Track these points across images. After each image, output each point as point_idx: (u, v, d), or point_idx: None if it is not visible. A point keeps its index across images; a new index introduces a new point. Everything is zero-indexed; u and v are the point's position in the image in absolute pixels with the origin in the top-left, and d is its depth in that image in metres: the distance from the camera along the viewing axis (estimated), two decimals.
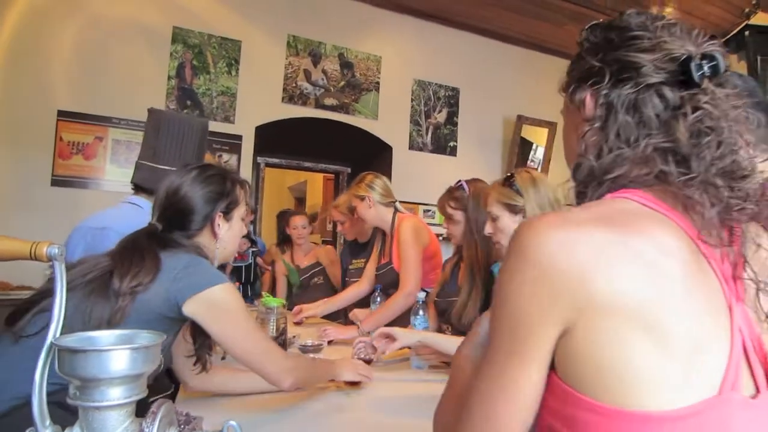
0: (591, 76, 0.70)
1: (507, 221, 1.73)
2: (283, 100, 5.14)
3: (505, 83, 6.22)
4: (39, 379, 0.75)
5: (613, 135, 0.66)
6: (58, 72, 4.30)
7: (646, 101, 0.64)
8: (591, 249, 0.56)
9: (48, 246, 0.75)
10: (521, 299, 0.58)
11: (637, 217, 0.60)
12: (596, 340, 0.55)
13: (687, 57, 0.64)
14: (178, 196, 1.37)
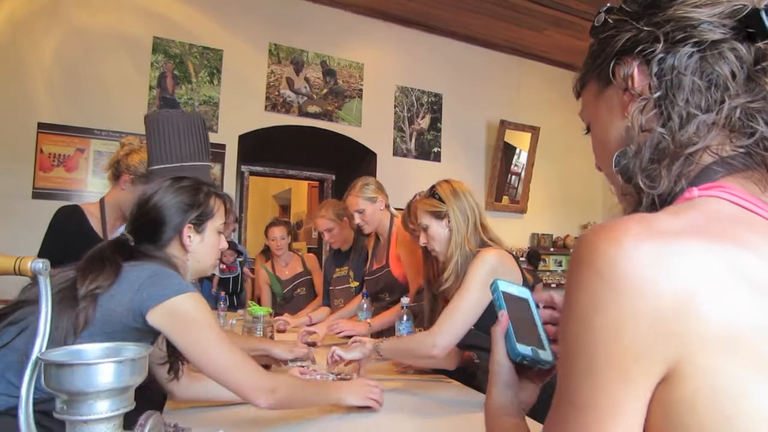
0: (638, 44, 0.59)
1: (435, 227, 1.87)
2: (266, 109, 5.14)
3: (487, 88, 6.28)
4: (25, 393, 0.74)
5: (682, 101, 0.55)
6: (38, 84, 4.26)
7: (717, 59, 0.54)
8: (694, 267, 0.44)
9: (32, 261, 0.75)
10: (616, 338, 0.44)
11: (736, 225, 0.48)
12: (704, 386, 0.43)
13: (754, 9, 0.54)
14: (147, 206, 1.35)
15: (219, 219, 1.43)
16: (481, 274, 1.70)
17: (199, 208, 1.38)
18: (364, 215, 2.69)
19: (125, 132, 4.36)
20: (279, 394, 1.24)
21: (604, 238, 0.46)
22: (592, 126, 0.70)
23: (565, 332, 0.49)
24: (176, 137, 1.78)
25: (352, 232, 3.11)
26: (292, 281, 3.73)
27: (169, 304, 1.18)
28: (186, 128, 1.81)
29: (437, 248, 1.88)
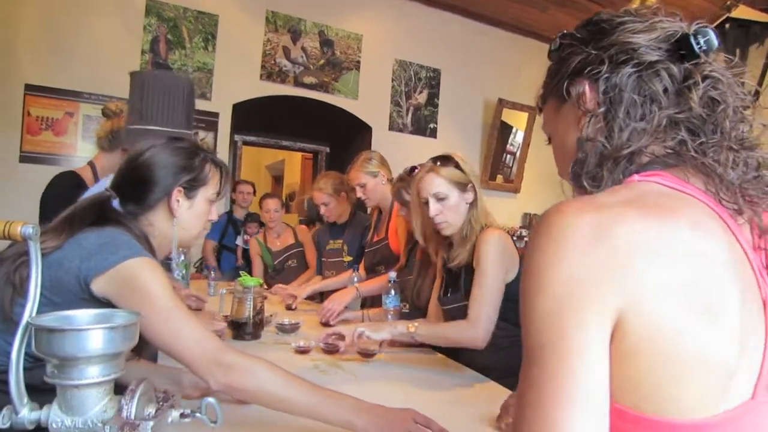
0: (586, 66, 0.68)
1: (457, 199, 1.81)
2: (261, 78, 5.07)
3: (486, 66, 6.22)
4: (15, 358, 0.74)
5: (623, 114, 0.64)
6: (26, 44, 4.16)
7: (652, 77, 0.64)
8: (628, 235, 0.51)
9: (22, 225, 0.74)
10: (569, 287, 0.51)
11: (666, 199, 0.57)
12: (644, 334, 0.50)
13: (684, 33, 0.64)
14: (137, 163, 1.26)
15: (212, 188, 1.36)
16: (495, 255, 1.72)
17: (193, 172, 1.30)
18: (365, 189, 2.71)
19: (116, 96, 4.27)
20: (238, 377, 1.04)
21: (554, 212, 0.55)
22: (552, 138, 0.79)
23: (526, 292, 0.55)
24: (163, 101, 1.74)
25: (348, 207, 3.11)
26: (284, 253, 3.74)
27: (113, 272, 1.07)
28: (174, 93, 1.77)
29: (451, 220, 1.81)
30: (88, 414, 0.76)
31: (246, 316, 2.04)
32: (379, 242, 2.74)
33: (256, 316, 2.07)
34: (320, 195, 3.08)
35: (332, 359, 1.82)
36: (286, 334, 2.18)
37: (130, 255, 1.10)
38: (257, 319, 2.08)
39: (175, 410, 0.83)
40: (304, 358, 1.82)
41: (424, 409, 1.18)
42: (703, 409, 0.51)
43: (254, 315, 2.06)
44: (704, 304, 0.51)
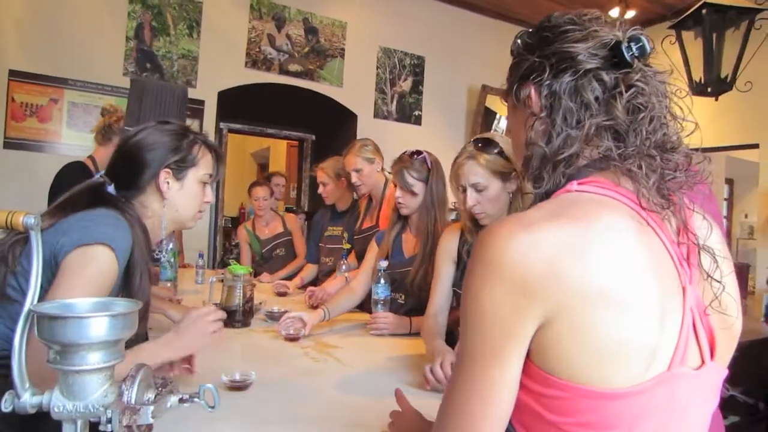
0: (532, 72, 0.74)
1: (498, 190, 1.66)
2: (246, 65, 5.04)
3: (470, 52, 6.23)
4: (18, 344, 0.76)
5: (560, 120, 0.70)
6: (9, 29, 4.09)
7: (586, 86, 0.69)
8: (552, 246, 0.59)
9: (24, 215, 0.75)
10: (496, 306, 0.60)
11: (587, 206, 0.64)
12: (572, 327, 0.59)
13: (617, 41, 0.69)
14: (127, 146, 1.27)
15: (203, 169, 1.36)
16: None
17: (180, 153, 1.30)
18: (361, 175, 2.74)
19: (101, 84, 4.24)
20: None
21: (489, 234, 0.62)
22: (510, 131, 0.86)
23: (463, 305, 0.64)
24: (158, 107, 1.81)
25: (350, 195, 3.14)
26: (272, 241, 3.75)
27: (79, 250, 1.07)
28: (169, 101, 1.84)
29: (490, 211, 1.68)
30: (89, 399, 0.78)
31: (236, 304, 2.06)
32: (370, 229, 2.75)
33: (246, 304, 2.09)
34: (321, 174, 3.13)
35: (322, 347, 1.85)
36: (276, 321, 2.21)
37: (101, 240, 1.09)
38: (247, 307, 2.10)
39: (173, 395, 0.86)
40: (294, 346, 1.85)
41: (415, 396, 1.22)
42: (626, 382, 0.59)
43: (244, 303, 2.08)
44: (621, 299, 0.59)
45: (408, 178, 2.14)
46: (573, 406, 0.60)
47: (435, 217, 2.13)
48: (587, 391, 0.59)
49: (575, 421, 0.61)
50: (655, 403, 0.61)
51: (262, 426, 1.15)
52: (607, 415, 0.60)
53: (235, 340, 1.90)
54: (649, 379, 0.60)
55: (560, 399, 0.61)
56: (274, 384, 1.42)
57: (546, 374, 0.61)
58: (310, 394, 1.38)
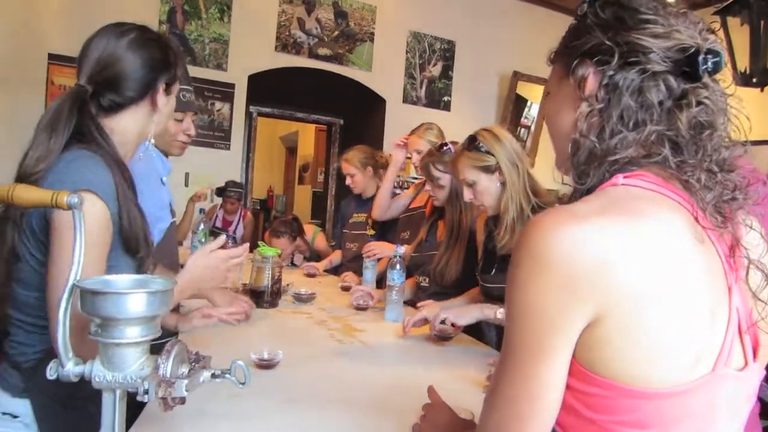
0: (597, 54, 0.68)
1: (486, 183, 1.78)
2: (276, 49, 5.07)
3: (501, 38, 6.15)
4: (62, 317, 0.80)
5: (616, 118, 0.66)
6: (49, 14, 4.20)
7: (651, 88, 0.65)
8: (604, 242, 0.57)
9: (68, 195, 0.79)
10: (543, 301, 0.58)
11: (637, 202, 0.62)
12: (622, 326, 0.57)
13: (696, 50, 0.64)
14: (114, 55, 1.14)
15: (178, 84, 1.28)
16: None
17: (172, 68, 1.22)
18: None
19: None
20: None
21: (536, 227, 0.60)
22: (550, 99, 0.80)
23: (509, 300, 0.62)
24: None
25: (373, 181, 3.17)
26: None
27: None
28: None
29: (488, 204, 1.81)
30: (128, 371, 0.82)
31: (264, 285, 2.11)
32: (416, 209, 2.77)
33: (274, 285, 2.14)
34: (347, 166, 3.15)
35: (348, 329, 1.89)
36: (303, 303, 2.25)
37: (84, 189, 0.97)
38: (275, 288, 2.14)
39: (206, 371, 0.89)
40: (321, 327, 1.89)
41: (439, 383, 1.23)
42: (671, 383, 0.58)
43: (272, 284, 2.12)
44: (673, 299, 0.58)
45: (434, 172, 2.19)
46: (615, 404, 0.59)
47: (460, 207, 2.14)
48: (631, 391, 0.58)
49: (616, 420, 0.59)
50: (698, 404, 0.60)
51: (289, 404, 1.18)
52: (649, 415, 0.59)
53: (263, 321, 1.95)
54: (694, 380, 0.59)
55: (602, 397, 0.59)
56: (300, 364, 1.45)
57: (589, 372, 0.59)
58: (336, 374, 1.41)
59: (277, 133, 9.71)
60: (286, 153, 10.10)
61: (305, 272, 3.07)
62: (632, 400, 0.58)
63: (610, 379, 0.58)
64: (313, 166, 8.40)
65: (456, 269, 2.10)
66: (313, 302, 2.28)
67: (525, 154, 1.84)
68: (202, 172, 4.72)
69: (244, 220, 4.71)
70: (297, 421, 1.10)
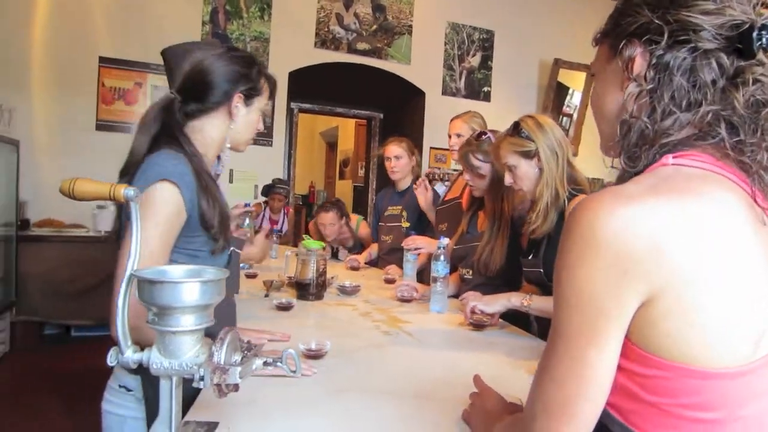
0: (646, 33, 0.67)
1: (525, 167, 1.81)
2: (315, 45, 5.12)
3: (541, 25, 6.03)
4: (121, 305, 0.83)
5: (668, 98, 0.65)
6: (99, 19, 4.37)
7: (703, 67, 0.63)
8: (656, 222, 0.56)
9: (125, 188, 0.82)
10: (593, 284, 0.58)
11: (690, 181, 0.60)
12: (677, 307, 0.56)
13: (750, 26, 0.62)
14: (202, 68, 1.30)
15: (264, 99, 1.42)
16: None
17: (252, 81, 1.35)
18: (460, 141, 2.71)
19: None
20: None
21: (584, 208, 0.59)
22: (596, 80, 0.79)
23: (558, 283, 0.61)
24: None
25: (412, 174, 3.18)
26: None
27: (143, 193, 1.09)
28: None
29: (525, 188, 1.84)
30: (183, 358, 0.85)
31: (309, 278, 2.14)
32: (451, 201, 2.75)
33: (319, 278, 2.16)
34: (395, 147, 3.16)
35: (393, 321, 1.89)
36: (348, 295, 2.27)
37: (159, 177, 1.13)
38: (320, 281, 2.17)
39: (258, 358, 0.91)
40: (366, 318, 1.90)
41: (486, 372, 1.23)
42: (733, 363, 0.57)
43: (317, 276, 2.15)
44: (730, 278, 0.57)
45: (474, 161, 2.18)
46: (675, 386, 0.58)
47: (502, 195, 2.12)
48: (691, 371, 0.57)
49: (677, 402, 0.58)
50: (762, 385, 0.58)
51: (337, 394, 1.20)
52: (712, 396, 0.57)
53: (309, 313, 1.97)
54: (755, 360, 0.57)
55: (661, 379, 0.58)
56: (347, 354, 1.47)
57: (647, 353, 0.58)
58: (382, 365, 1.42)
59: (317, 128, 9.80)
60: (327, 148, 10.18)
61: (348, 266, 3.10)
62: (693, 380, 0.57)
63: (670, 360, 0.57)
64: (354, 161, 8.45)
65: (500, 259, 2.08)
66: (357, 294, 2.30)
67: (568, 143, 1.84)
68: (245, 169, 4.82)
69: (287, 217, 4.78)
70: (344, 410, 1.11)
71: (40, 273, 4.03)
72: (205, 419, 0.99)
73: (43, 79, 4.26)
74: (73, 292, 4.08)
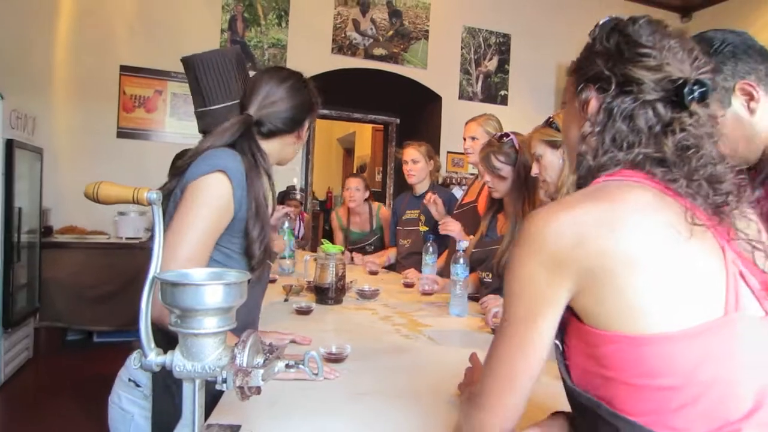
0: (598, 80, 0.78)
1: (550, 157, 1.83)
2: (332, 51, 5.14)
3: (559, 27, 5.99)
4: (144, 307, 0.83)
5: (609, 140, 0.76)
6: (120, 28, 4.45)
7: (641, 114, 0.74)
8: (581, 222, 0.67)
9: (147, 191, 0.82)
10: (536, 277, 0.70)
11: (614, 190, 0.71)
12: (606, 290, 0.66)
13: (683, 82, 0.73)
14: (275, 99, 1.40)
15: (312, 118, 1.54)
16: None
17: (315, 111, 1.50)
18: (475, 143, 2.73)
19: None
20: None
21: (531, 217, 0.72)
22: (565, 109, 0.90)
23: (507, 277, 0.74)
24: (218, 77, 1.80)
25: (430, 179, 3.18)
26: (361, 239, 3.76)
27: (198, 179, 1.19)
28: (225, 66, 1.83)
29: (549, 179, 1.86)
30: (206, 360, 0.85)
31: (329, 282, 2.13)
32: (468, 204, 2.74)
33: (338, 282, 2.16)
34: (413, 151, 3.17)
35: (414, 324, 1.88)
36: (367, 299, 2.27)
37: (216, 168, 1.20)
38: (339, 285, 2.16)
39: (280, 361, 0.91)
40: (386, 322, 1.89)
41: None
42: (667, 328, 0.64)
43: (336, 281, 2.14)
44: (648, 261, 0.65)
45: (495, 163, 2.16)
46: (628, 356, 0.65)
47: (524, 197, 2.10)
48: (637, 338, 0.64)
49: (635, 372, 0.65)
50: (712, 347, 0.64)
51: (358, 397, 1.19)
52: (660, 362, 0.64)
53: (328, 317, 1.97)
54: (697, 325, 0.64)
55: (616, 352, 0.66)
56: (368, 358, 1.46)
57: (598, 331, 0.67)
58: (403, 369, 1.41)
59: (334, 134, 9.83)
60: (344, 154, 10.21)
61: (367, 270, 3.10)
62: (641, 347, 0.64)
63: (612, 331, 0.66)
64: (371, 166, 8.46)
65: None
66: (376, 299, 2.29)
67: None
68: None
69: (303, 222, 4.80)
70: (366, 413, 1.10)
71: (62, 279, 4.09)
72: (227, 422, 0.99)
73: (65, 88, 4.34)
74: (95, 298, 4.13)
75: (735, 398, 0.63)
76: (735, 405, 0.63)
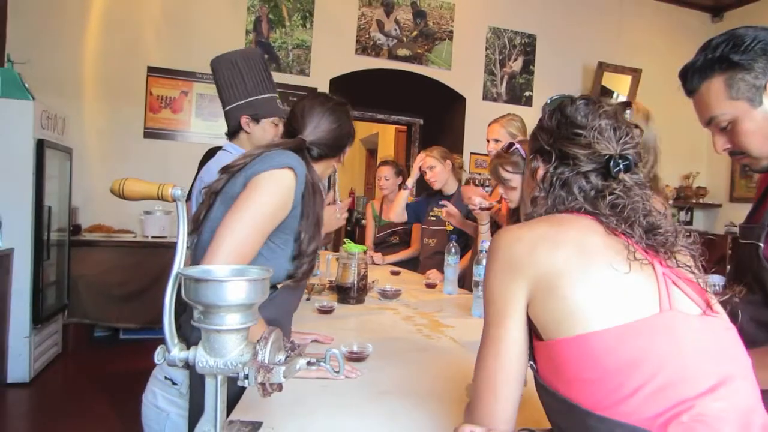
0: (543, 153, 0.95)
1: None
2: (356, 52, 5.15)
3: (585, 28, 5.92)
4: (168, 303, 0.84)
5: (551, 202, 0.91)
6: (148, 30, 4.52)
7: (577, 182, 0.89)
8: (532, 238, 0.81)
9: (172, 188, 0.83)
10: (500, 285, 0.82)
11: (564, 218, 0.86)
12: (548, 295, 0.77)
13: (609, 157, 0.88)
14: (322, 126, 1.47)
15: None
16: None
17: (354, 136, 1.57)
18: (498, 147, 2.70)
19: None
20: None
21: (497, 235, 0.87)
22: (525, 165, 1.04)
23: (483, 287, 0.87)
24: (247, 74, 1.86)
25: (455, 179, 3.16)
26: (388, 228, 3.75)
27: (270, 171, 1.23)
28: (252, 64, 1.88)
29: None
30: (228, 356, 0.85)
31: (351, 281, 2.13)
32: (490, 207, 2.72)
33: (360, 282, 2.16)
34: (427, 158, 3.16)
35: (436, 325, 1.87)
36: (388, 300, 2.26)
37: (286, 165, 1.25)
38: (361, 285, 2.16)
39: (302, 358, 0.91)
40: (407, 323, 1.88)
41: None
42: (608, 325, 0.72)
43: (358, 280, 2.14)
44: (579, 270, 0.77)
45: (504, 174, 2.13)
46: (577, 355, 0.73)
47: None
48: (581, 337, 0.73)
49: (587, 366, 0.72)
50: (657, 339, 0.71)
51: (380, 396, 1.18)
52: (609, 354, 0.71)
53: (350, 316, 1.97)
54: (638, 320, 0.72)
55: (568, 355, 0.74)
56: (389, 357, 1.45)
57: (551, 341, 0.76)
58: (425, 368, 1.40)
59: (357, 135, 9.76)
60: (367, 155, 10.22)
61: (390, 270, 3.09)
62: (586, 345, 0.72)
63: (564, 336, 0.74)
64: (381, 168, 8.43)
65: None
66: (398, 299, 2.29)
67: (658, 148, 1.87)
68: None
69: None
70: (387, 412, 1.10)
71: (90, 277, 4.17)
72: (249, 419, 1.00)
73: (94, 89, 4.43)
74: (122, 296, 4.20)
75: (688, 380, 0.69)
76: (691, 386, 0.69)
